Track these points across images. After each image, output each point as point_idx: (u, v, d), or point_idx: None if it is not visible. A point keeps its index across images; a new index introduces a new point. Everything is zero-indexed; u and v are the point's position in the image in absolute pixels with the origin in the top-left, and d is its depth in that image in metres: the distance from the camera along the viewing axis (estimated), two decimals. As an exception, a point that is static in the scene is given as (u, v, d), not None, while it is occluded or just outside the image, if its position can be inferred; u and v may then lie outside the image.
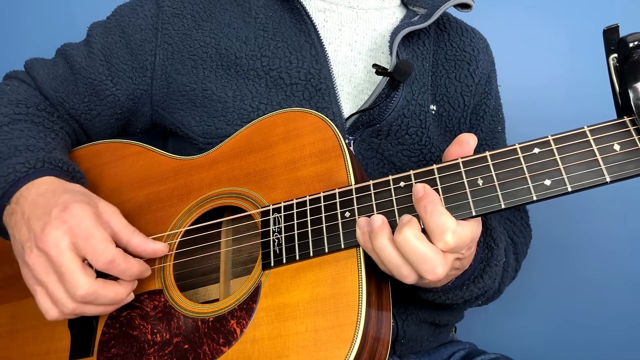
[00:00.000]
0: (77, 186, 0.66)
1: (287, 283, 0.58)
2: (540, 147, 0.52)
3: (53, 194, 0.61)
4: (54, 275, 0.58)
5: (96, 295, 0.58)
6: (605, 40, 0.51)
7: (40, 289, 0.59)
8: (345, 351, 0.52)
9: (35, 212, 0.60)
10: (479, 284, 0.67)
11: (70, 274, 0.57)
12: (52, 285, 0.58)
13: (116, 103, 0.80)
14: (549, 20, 1.11)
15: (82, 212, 0.59)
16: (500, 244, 0.70)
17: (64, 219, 0.58)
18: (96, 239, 0.58)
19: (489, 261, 0.68)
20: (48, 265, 0.58)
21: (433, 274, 0.51)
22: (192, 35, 0.79)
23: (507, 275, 0.77)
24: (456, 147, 0.57)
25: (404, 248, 0.51)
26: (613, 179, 0.49)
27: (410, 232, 0.51)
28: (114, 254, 0.59)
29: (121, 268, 0.60)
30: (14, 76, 0.82)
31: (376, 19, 0.84)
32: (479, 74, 0.83)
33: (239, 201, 0.66)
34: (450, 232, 0.51)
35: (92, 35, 0.81)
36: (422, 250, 0.51)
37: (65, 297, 0.58)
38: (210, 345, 0.59)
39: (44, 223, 0.58)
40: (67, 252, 0.57)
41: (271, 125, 0.69)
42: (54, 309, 0.59)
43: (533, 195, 0.51)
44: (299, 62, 0.76)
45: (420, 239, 0.51)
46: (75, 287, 0.57)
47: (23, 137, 0.69)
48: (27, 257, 0.59)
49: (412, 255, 0.51)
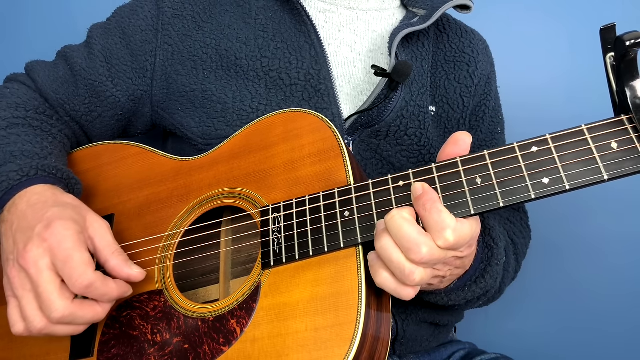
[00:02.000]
0: (70, 197, 0.65)
1: (287, 282, 0.59)
2: (538, 146, 0.52)
3: (42, 206, 0.61)
4: (30, 292, 0.57)
5: (73, 317, 0.57)
6: (602, 39, 0.52)
7: (14, 301, 0.59)
8: (345, 350, 0.52)
9: (22, 224, 0.60)
10: (480, 283, 0.67)
11: (47, 295, 0.56)
12: (25, 301, 0.57)
13: (117, 104, 0.80)
14: (548, 21, 1.11)
15: (64, 231, 0.58)
16: (500, 243, 0.70)
17: (45, 237, 0.57)
18: (75, 261, 0.56)
19: (490, 260, 0.68)
20: (26, 282, 0.57)
21: (418, 255, 0.50)
22: (192, 36, 0.79)
23: (508, 275, 0.77)
24: (452, 147, 0.57)
25: (391, 228, 0.52)
26: (611, 176, 0.49)
27: (397, 212, 0.52)
28: (91, 279, 0.57)
29: (99, 292, 0.58)
30: (14, 79, 0.82)
31: (376, 20, 0.84)
32: (479, 75, 0.84)
33: (239, 201, 0.67)
34: (450, 229, 0.51)
35: (93, 36, 0.81)
36: (406, 230, 0.51)
37: (35, 316, 0.57)
38: (210, 345, 0.59)
39: (27, 238, 0.58)
40: (46, 272, 0.56)
41: (270, 126, 0.69)
42: (21, 323, 0.58)
43: (531, 194, 0.51)
44: (299, 63, 0.77)
45: (408, 221, 0.51)
46: (51, 309, 0.56)
47: (19, 142, 0.69)
48: (9, 269, 0.59)
49: (400, 235, 0.51)
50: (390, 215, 0.52)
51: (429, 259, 0.51)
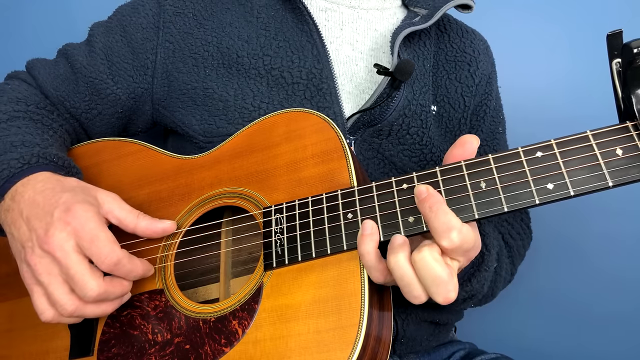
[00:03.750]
0: (74, 181, 0.65)
1: (289, 284, 0.58)
2: (543, 151, 0.52)
3: (52, 192, 0.61)
4: (57, 277, 0.58)
5: (107, 294, 0.58)
6: (608, 45, 0.51)
7: (38, 289, 0.59)
8: (347, 352, 0.52)
9: (34, 211, 0.60)
10: (466, 287, 0.67)
11: (80, 276, 0.57)
12: (54, 286, 0.57)
13: (117, 102, 0.79)
14: (550, 21, 1.11)
15: (85, 213, 0.59)
16: (492, 250, 0.70)
17: (68, 221, 0.58)
18: (101, 240, 0.58)
19: (479, 266, 0.69)
20: (52, 267, 0.57)
21: (445, 297, 0.51)
22: (193, 34, 0.79)
23: (500, 279, 0.77)
24: (459, 149, 0.56)
25: (421, 268, 0.51)
26: (615, 183, 0.49)
27: (429, 253, 0.51)
28: (120, 255, 0.59)
29: (126, 269, 0.60)
30: (15, 76, 0.81)
31: (377, 19, 0.84)
32: (480, 75, 0.84)
33: (241, 201, 0.66)
34: (455, 231, 0.51)
35: (94, 34, 0.81)
36: (439, 273, 0.50)
37: (66, 299, 0.57)
38: (211, 346, 0.59)
39: (46, 224, 0.58)
40: (73, 254, 0.57)
41: (273, 125, 0.68)
42: (51, 310, 0.59)
43: (536, 199, 0.51)
44: (301, 62, 0.76)
45: (439, 262, 0.51)
46: (85, 289, 0.57)
47: (20, 133, 0.69)
48: (28, 257, 0.58)
49: (428, 276, 0.50)
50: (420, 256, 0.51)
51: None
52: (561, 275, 1.07)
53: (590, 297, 1.05)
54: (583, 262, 1.06)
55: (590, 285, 1.05)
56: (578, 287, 1.06)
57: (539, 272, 1.07)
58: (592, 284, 1.05)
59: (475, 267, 0.68)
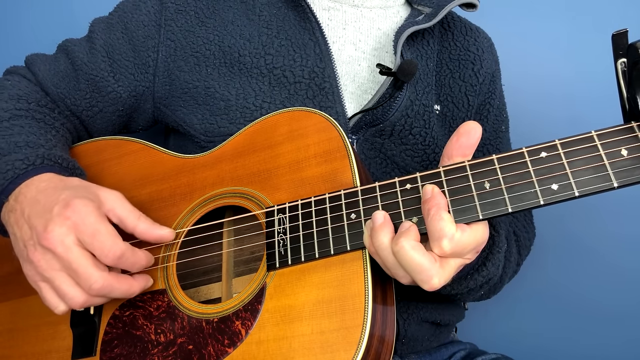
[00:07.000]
0: (76, 180, 0.65)
1: (293, 284, 0.58)
2: (547, 151, 0.52)
3: (53, 190, 0.61)
4: (60, 271, 0.57)
5: (112, 287, 0.58)
6: (613, 44, 0.51)
7: (45, 285, 0.59)
8: (351, 353, 0.52)
9: (35, 209, 0.59)
10: (482, 271, 0.66)
11: (83, 269, 0.56)
12: (59, 280, 0.57)
13: (118, 99, 0.79)
14: (554, 20, 1.10)
15: (85, 207, 0.58)
16: (500, 231, 0.69)
17: (67, 216, 0.57)
18: (103, 234, 0.57)
19: (491, 248, 0.68)
20: (54, 262, 0.57)
21: (429, 284, 0.51)
22: (195, 32, 0.78)
23: (509, 265, 0.76)
24: (464, 137, 0.55)
25: (400, 257, 0.51)
26: (620, 184, 0.49)
27: (406, 242, 0.51)
28: (123, 248, 0.58)
29: (130, 262, 0.60)
30: (14, 71, 0.81)
31: (380, 17, 0.83)
32: (483, 74, 0.83)
33: (243, 201, 0.66)
34: (446, 239, 0.51)
35: (94, 31, 0.80)
36: (417, 261, 0.50)
37: (74, 291, 0.57)
38: (215, 346, 0.59)
39: (45, 220, 0.58)
40: (74, 248, 0.57)
41: (275, 125, 0.68)
42: (62, 303, 0.59)
43: (540, 200, 0.51)
44: (303, 61, 0.76)
45: (416, 249, 0.51)
46: (90, 281, 0.56)
47: (23, 133, 0.68)
48: (30, 255, 0.58)
49: (408, 265, 0.51)
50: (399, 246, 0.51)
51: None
52: (562, 275, 1.07)
53: (591, 298, 1.05)
54: (584, 262, 1.06)
55: (591, 286, 1.05)
56: (578, 287, 1.06)
57: (539, 272, 1.07)
58: (593, 285, 1.05)
59: (487, 250, 0.67)
